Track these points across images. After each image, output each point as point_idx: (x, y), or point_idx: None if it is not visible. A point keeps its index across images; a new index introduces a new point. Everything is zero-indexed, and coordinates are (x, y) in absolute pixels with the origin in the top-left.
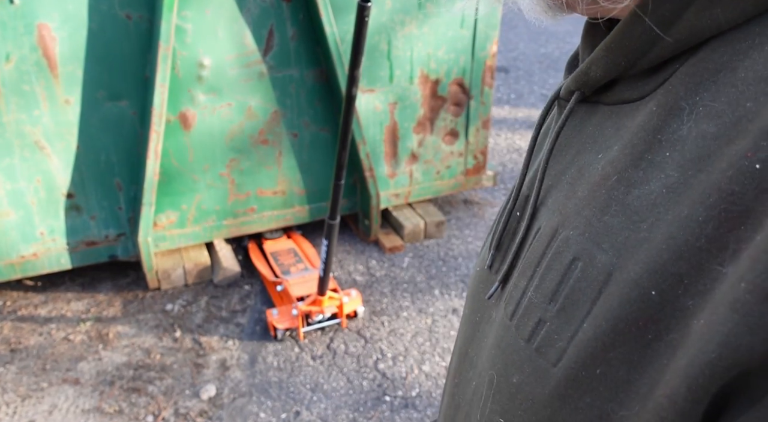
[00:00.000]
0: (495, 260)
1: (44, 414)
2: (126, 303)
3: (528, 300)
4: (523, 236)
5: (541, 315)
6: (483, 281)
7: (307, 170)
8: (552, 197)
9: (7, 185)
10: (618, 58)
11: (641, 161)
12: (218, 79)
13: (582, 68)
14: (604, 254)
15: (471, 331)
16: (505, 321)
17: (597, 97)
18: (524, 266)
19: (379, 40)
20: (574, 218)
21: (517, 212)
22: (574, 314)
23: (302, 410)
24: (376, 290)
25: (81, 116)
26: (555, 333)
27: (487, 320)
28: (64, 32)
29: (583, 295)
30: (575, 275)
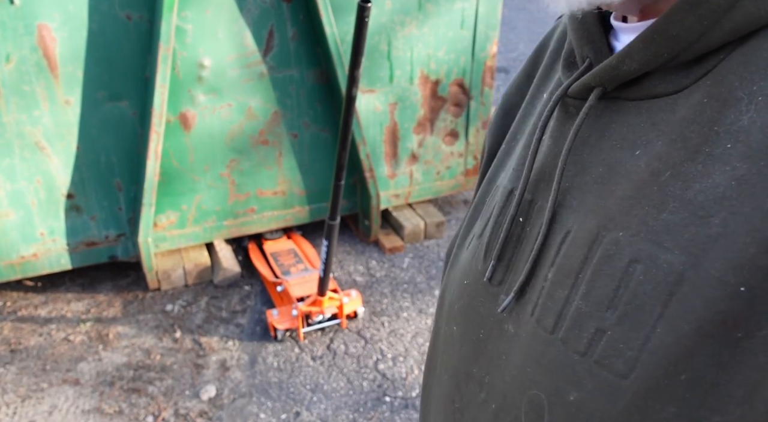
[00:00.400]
0: (496, 271)
1: (44, 414)
2: (126, 304)
3: (575, 310)
4: (542, 242)
5: (597, 325)
6: (481, 296)
7: (307, 170)
8: (576, 198)
9: (7, 186)
10: (661, 50)
11: (698, 155)
12: (218, 79)
13: (611, 63)
14: (668, 253)
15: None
16: (543, 335)
17: (618, 93)
18: (559, 274)
19: (379, 40)
20: (622, 218)
21: (519, 218)
22: (641, 320)
23: (302, 410)
24: (376, 290)
25: (81, 116)
26: (620, 342)
27: (498, 336)
28: (64, 33)
29: (650, 299)
30: (636, 279)
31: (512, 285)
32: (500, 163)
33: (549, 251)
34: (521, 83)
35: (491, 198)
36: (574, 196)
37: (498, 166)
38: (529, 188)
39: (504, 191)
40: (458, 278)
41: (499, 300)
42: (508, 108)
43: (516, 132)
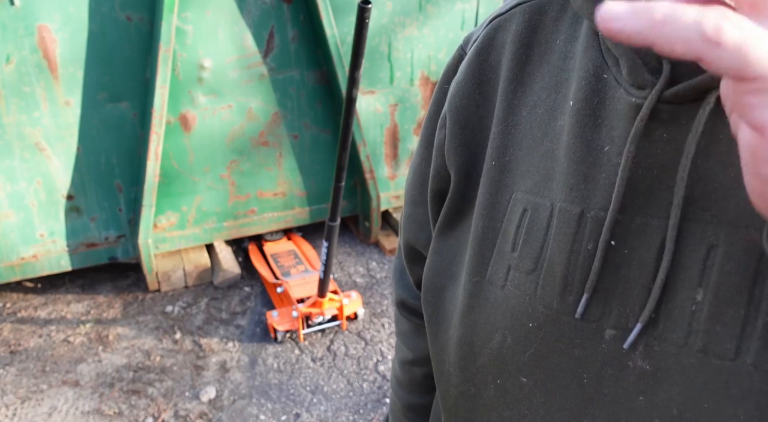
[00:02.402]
0: (590, 305)
1: (44, 416)
2: (126, 305)
3: (764, 328)
4: (670, 262)
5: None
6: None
7: (308, 171)
8: (707, 210)
9: (7, 187)
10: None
11: None
12: (219, 80)
13: None
14: None
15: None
16: (718, 364)
17: None
18: (722, 294)
19: (379, 41)
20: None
21: (611, 242)
22: None
23: (302, 412)
24: (376, 291)
25: (81, 117)
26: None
27: (617, 377)
28: (64, 34)
29: None
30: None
31: (625, 317)
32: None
33: (685, 270)
34: (472, 92)
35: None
36: (703, 207)
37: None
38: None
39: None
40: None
41: (606, 336)
42: (464, 121)
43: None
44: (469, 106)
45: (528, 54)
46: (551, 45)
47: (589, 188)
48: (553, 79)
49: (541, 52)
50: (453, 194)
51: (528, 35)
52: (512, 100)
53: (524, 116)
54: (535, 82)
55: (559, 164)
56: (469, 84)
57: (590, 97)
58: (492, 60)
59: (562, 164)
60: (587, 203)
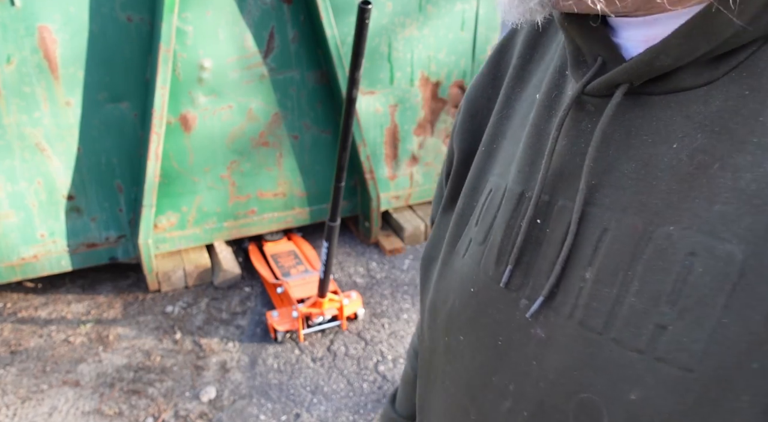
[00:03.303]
0: (514, 276)
1: (44, 416)
2: (126, 305)
3: (629, 308)
4: (571, 243)
5: (657, 321)
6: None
7: (308, 172)
8: (609, 196)
9: (7, 187)
10: (699, 44)
11: (746, 145)
12: (219, 81)
13: (644, 58)
14: (726, 243)
15: (489, 358)
16: (590, 336)
17: (641, 89)
18: (603, 273)
19: (379, 42)
20: (671, 212)
21: (537, 220)
22: (704, 312)
23: (302, 412)
24: (376, 292)
25: (82, 117)
26: (683, 337)
27: (524, 342)
28: (65, 34)
29: (711, 290)
30: (695, 272)
31: (537, 289)
32: (482, 167)
33: (582, 250)
34: (486, 86)
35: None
36: (605, 193)
37: (480, 170)
38: (546, 189)
39: (511, 194)
40: (458, 287)
41: (521, 305)
42: (474, 111)
43: (495, 134)
44: (480, 98)
45: (531, 53)
46: (550, 46)
47: (531, 171)
48: (540, 76)
49: (541, 53)
50: (453, 176)
51: (535, 36)
52: (510, 95)
53: (515, 110)
54: (530, 80)
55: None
56: (485, 78)
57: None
58: (507, 57)
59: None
60: (527, 185)
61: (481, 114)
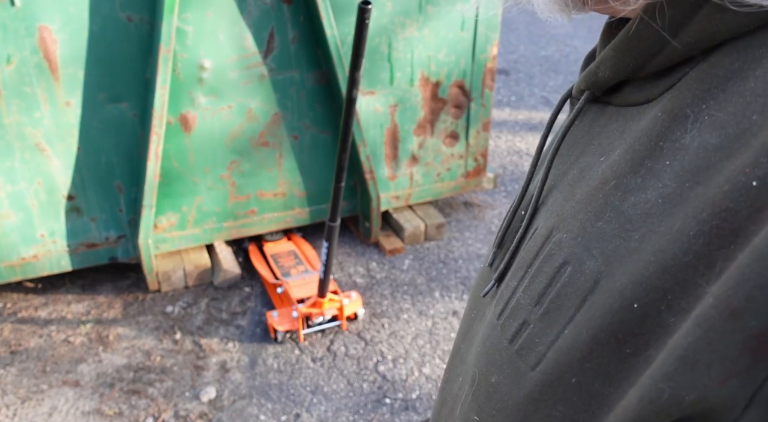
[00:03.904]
0: (496, 258)
1: (44, 416)
2: (126, 305)
3: (516, 301)
4: (521, 235)
5: (525, 317)
6: (483, 279)
7: (308, 172)
8: (552, 197)
9: (7, 187)
10: (627, 60)
11: (640, 168)
12: (219, 81)
13: (591, 68)
14: (593, 260)
15: (466, 327)
16: (493, 320)
17: (607, 98)
18: (517, 266)
19: (379, 42)
20: (570, 221)
21: (522, 211)
22: (557, 319)
23: (302, 412)
24: (376, 292)
25: (82, 117)
26: (537, 337)
27: (480, 317)
28: (65, 34)
29: (568, 300)
30: (563, 280)
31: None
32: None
33: (523, 245)
34: None
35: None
36: (553, 195)
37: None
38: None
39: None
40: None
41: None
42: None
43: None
44: None
45: None
46: None
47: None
48: None
49: None
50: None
51: None
52: None
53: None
54: None
55: None
56: None
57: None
58: None
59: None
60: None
61: None
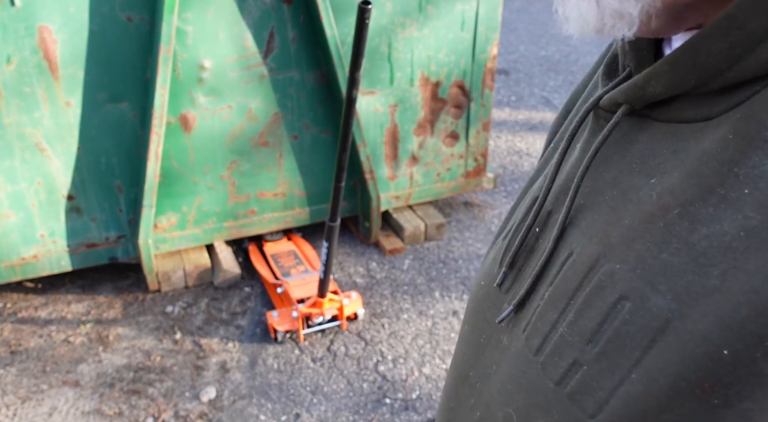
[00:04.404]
0: (506, 278)
1: (44, 416)
2: (126, 305)
3: (559, 337)
4: (547, 258)
5: (576, 357)
6: (490, 300)
7: (308, 172)
8: (586, 219)
9: (7, 187)
10: (687, 76)
11: (711, 196)
12: (219, 81)
13: (637, 82)
14: (660, 296)
15: (473, 353)
16: (527, 355)
17: (648, 112)
18: (554, 295)
19: (379, 42)
20: (622, 250)
21: (536, 228)
22: (618, 361)
23: (302, 412)
24: (376, 292)
25: (82, 117)
26: (594, 380)
27: (495, 345)
28: (65, 34)
29: (632, 341)
30: (622, 317)
31: (515, 296)
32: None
33: (552, 269)
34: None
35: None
36: (585, 216)
37: (540, 168)
38: (550, 199)
39: (531, 197)
40: (479, 278)
41: (502, 309)
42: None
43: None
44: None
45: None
46: None
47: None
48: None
49: None
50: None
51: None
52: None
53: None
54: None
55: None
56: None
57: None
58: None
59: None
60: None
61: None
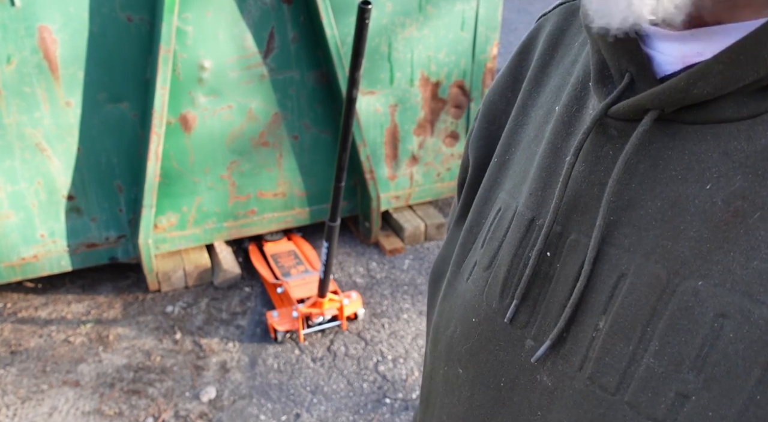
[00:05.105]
0: (519, 312)
1: (44, 416)
2: (126, 305)
3: (646, 369)
4: (584, 284)
5: (678, 388)
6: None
7: (308, 172)
8: (627, 237)
9: (7, 187)
10: (746, 72)
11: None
12: (219, 81)
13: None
14: (764, 307)
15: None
16: (600, 395)
17: (673, 116)
18: (619, 325)
19: (379, 42)
20: (700, 264)
21: (547, 253)
22: (735, 384)
23: (302, 412)
24: (376, 292)
25: (82, 117)
26: (709, 410)
27: (528, 387)
28: (65, 34)
29: (744, 360)
30: (725, 336)
31: (544, 330)
32: (494, 179)
33: (596, 295)
34: (505, 89)
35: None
36: (625, 233)
37: (492, 182)
38: (559, 220)
39: (521, 218)
40: (460, 314)
41: (526, 346)
42: (492, 116)
43: (509, 144)
44: (499, 102)
45: (552, 55)
46: (571, 47)
47: (544, 196)
48: (559, 81)
49: (561, 54)
50: (467, 186)
51: (556, 36)
52: (527, 100)
53: (531, 117)
54: (548, 84)
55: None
56: (505, 80)
57: (572, 104)
58: (529, 58)
59: (533, 170)
60: (539, 211)
61: (498, 120)
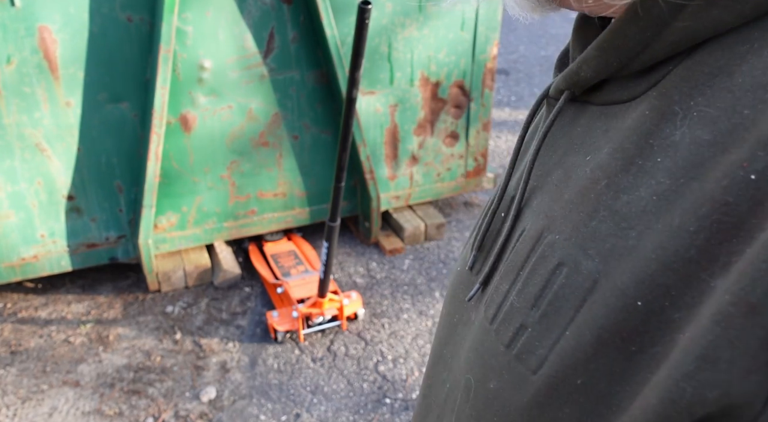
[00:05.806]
0: (477, 261)
1: (44, 416)
2: (126, 305)
3: (510, 305)
4: (505, 237)
5: (522, 321)
6: (463, 283)
7: (308, 172)
8: (537, 198)
9: (7, 187)
10: (610, 59)
11: (631, 166)
12: (219, 81)
13: (573, 68)
14: (590, 260)
15: (447, 332)
16: (485, 325)
17: (587, 97)
18: (507, 269)
19: (379, 42)
20: (561, 222)
21: (501, 213)
22: (556, 321)
23: (302, 412)
24: (376, 292)
25: (82, 118)
26: (536, 340)
27: (465, 322)
28: (65, 34)
29: (567, 302)
30: (559, 281)
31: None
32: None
33: (509, 247)
34: None
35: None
36: (536, 196)
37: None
38: (512, 185)
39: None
40: (456, 265)
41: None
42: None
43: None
44: None
45: None
46: None
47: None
48: None
49: None
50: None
51: None
52: None
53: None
54: None
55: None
56: None
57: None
58: None
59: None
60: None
61: None
